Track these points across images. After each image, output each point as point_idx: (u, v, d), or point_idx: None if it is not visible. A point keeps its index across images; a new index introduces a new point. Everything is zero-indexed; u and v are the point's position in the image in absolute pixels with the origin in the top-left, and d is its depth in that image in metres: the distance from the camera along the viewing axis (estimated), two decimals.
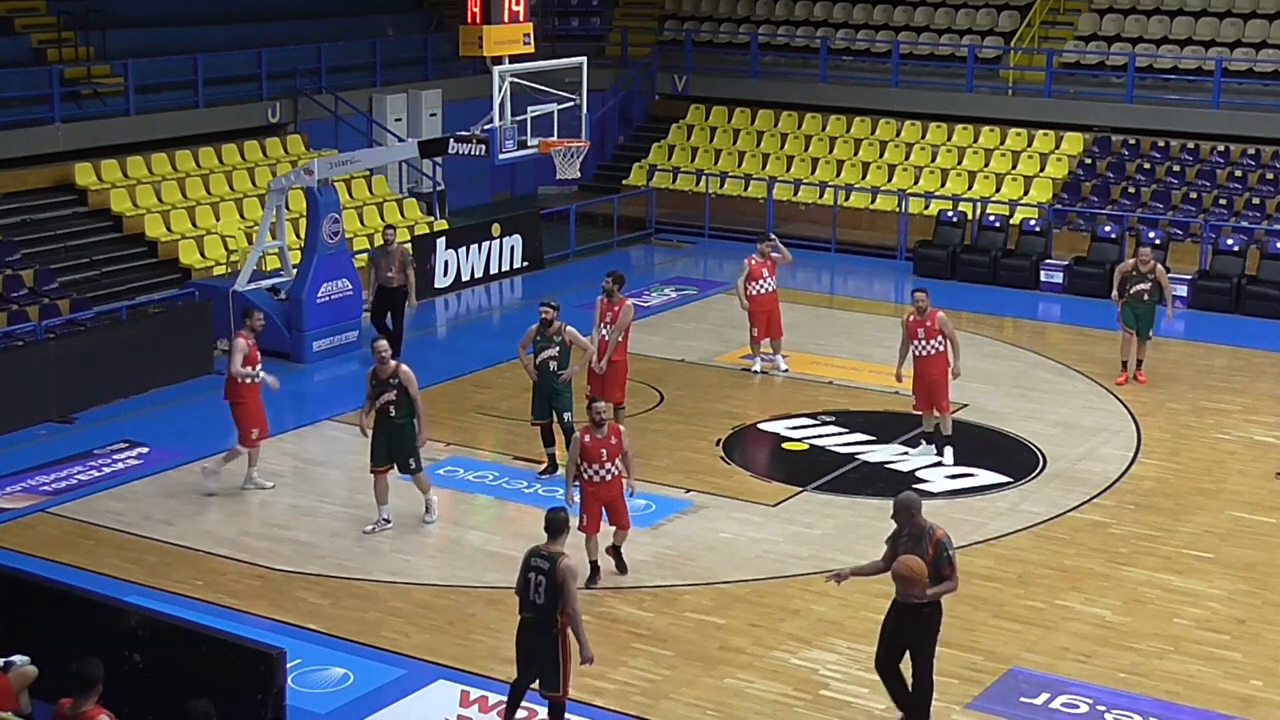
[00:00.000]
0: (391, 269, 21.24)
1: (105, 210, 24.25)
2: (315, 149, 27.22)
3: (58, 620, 11.78)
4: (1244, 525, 16.07)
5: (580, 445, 14.13)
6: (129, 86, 25.42)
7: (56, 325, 20.61)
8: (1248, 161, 28.15)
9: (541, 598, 11.07)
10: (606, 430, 14.12)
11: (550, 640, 11.13)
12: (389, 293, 21.35)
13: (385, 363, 15.40)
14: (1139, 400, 19.87)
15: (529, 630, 11.28)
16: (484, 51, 20.76)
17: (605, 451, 14.02)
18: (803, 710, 12.29)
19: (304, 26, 29.75)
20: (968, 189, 29.15)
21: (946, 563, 11.38)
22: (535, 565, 11.14)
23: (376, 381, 15.45)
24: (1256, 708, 12.42)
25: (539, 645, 11.21)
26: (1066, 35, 31.32)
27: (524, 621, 11.31)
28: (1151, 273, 20.29)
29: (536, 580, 11.08)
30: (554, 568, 11.04)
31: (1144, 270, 20.27)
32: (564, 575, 11.01)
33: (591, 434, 14.09)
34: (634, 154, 32.68)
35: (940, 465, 17.48)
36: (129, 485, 16.98)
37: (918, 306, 17.57)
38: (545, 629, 11.14)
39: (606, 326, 17.56)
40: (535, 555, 11.19)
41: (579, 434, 14.30)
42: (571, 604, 11.05)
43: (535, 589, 11.09)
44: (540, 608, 11.11)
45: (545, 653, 11.19)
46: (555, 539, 11.30)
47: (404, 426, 15.45)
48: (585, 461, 14.08)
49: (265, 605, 14.04)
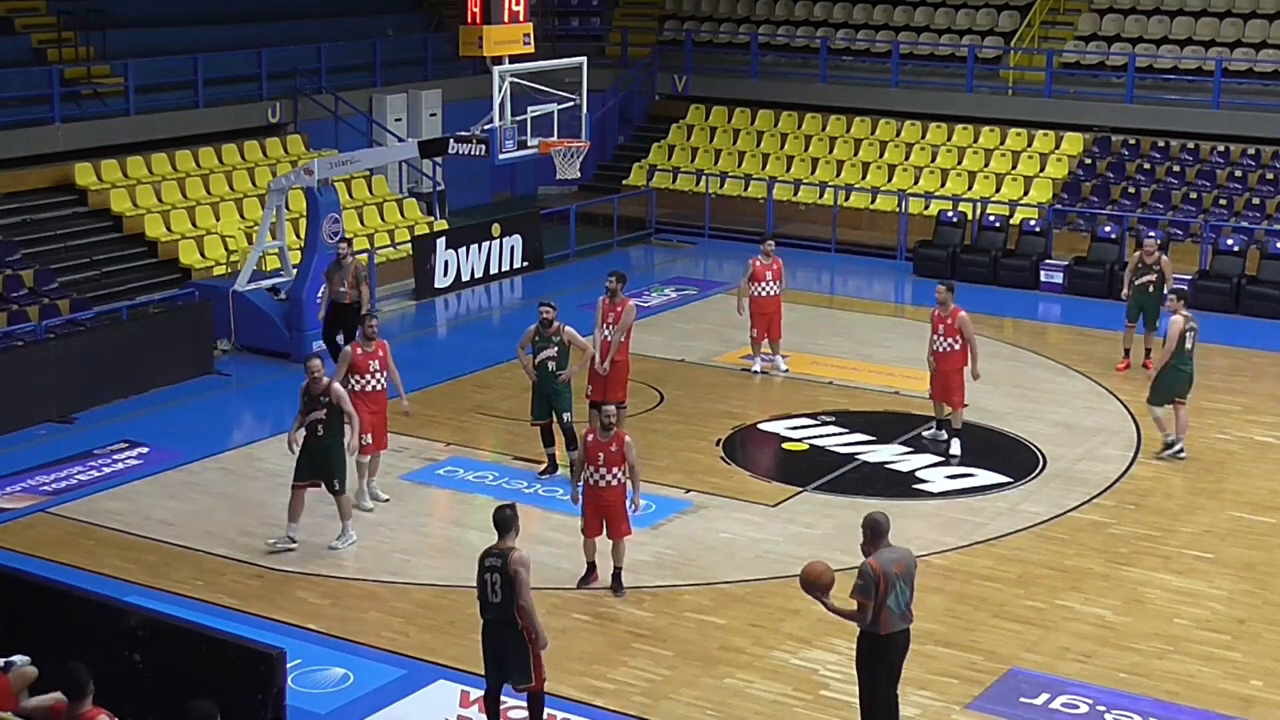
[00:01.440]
0: (345, 284, 20.22)
1: (105, 210, 24.25)
2: (315, 149, 27.22)
3: (58, 620, 11.76)
4: (1244, 525, 16.07)
5: (583, 444, 14.12)
6: (129, 86, 25.43)
7: (56, 325, 20.61)
8: (1248, 161, 28.15)
9: (498, 595, 11.10)
10: (612, 435, 14.00)
11: (515, 636, 11.16)
12: (342, 309, 20.31)
13: (318, 380, 14.98)
14: (1139, 400, 19.85)
15: (493, 630, 11.28)
16: (484, 51, 20.75)
17: (603, 455, 13.92)
18: (803, 710, 12.29)
19: (304, 26, 29.76)
20: (968, 189, 29.15)
21: (854, 589, 10.87)
22: (489, 565, 11.14)
23: (308, 398, 15.06)
24: (1256, 708, 12.42)
25: (504, 643, 11.24)
26: (1066, 35, 31.32)
27: (487, 623, 11.31)
28: (1156, 264, 20.94)
29: (492, 580, 11.11)
30: (505, 563, 11.06)
31: (1149, 262, 20.94)
32: (514, 567, 11.03)
33: (595, 435, 14.04)
34: (634, 154, 32.68)
35: (946, 463, 17.54)
36: (129, 485, 16.98)
37: (939, 299, 17.88)
38: (508, 626, 11.16)
39: (609, 327, 17.51)
40: (488, 555, 11.19)
41: (585, 433, 14.27)
42: (523, 596, 11.04)
43: (492, 588, 11.11)
44: (498, 606, 11.13)
45: (512, 649, 11.22)
46: (504, 536, 11.23)
47: (331, 448, 15.02)
48: (585, 462, 14.07)
49: (265, 605, 14.03)
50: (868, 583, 10.71)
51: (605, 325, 17.52)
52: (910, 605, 10.93)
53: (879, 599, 10.71)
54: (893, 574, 10.76)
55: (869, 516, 11.04)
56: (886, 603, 10.73)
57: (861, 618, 10.83)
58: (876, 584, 10.70)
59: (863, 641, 10.96)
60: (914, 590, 10.95)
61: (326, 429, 15.01)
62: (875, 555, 10.82)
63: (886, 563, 10.78)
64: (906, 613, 10.92)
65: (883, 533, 10.92)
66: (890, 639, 10.89)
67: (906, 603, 10.87)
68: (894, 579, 10.75)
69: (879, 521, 10.95)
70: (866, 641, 10.93)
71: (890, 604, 10.75)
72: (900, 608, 10.83)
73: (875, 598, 10.71)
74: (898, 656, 11.05)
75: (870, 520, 10.99)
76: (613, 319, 17.52)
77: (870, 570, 10.74)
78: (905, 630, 11.00)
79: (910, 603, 10.92)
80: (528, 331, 17.09)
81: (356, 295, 20.24)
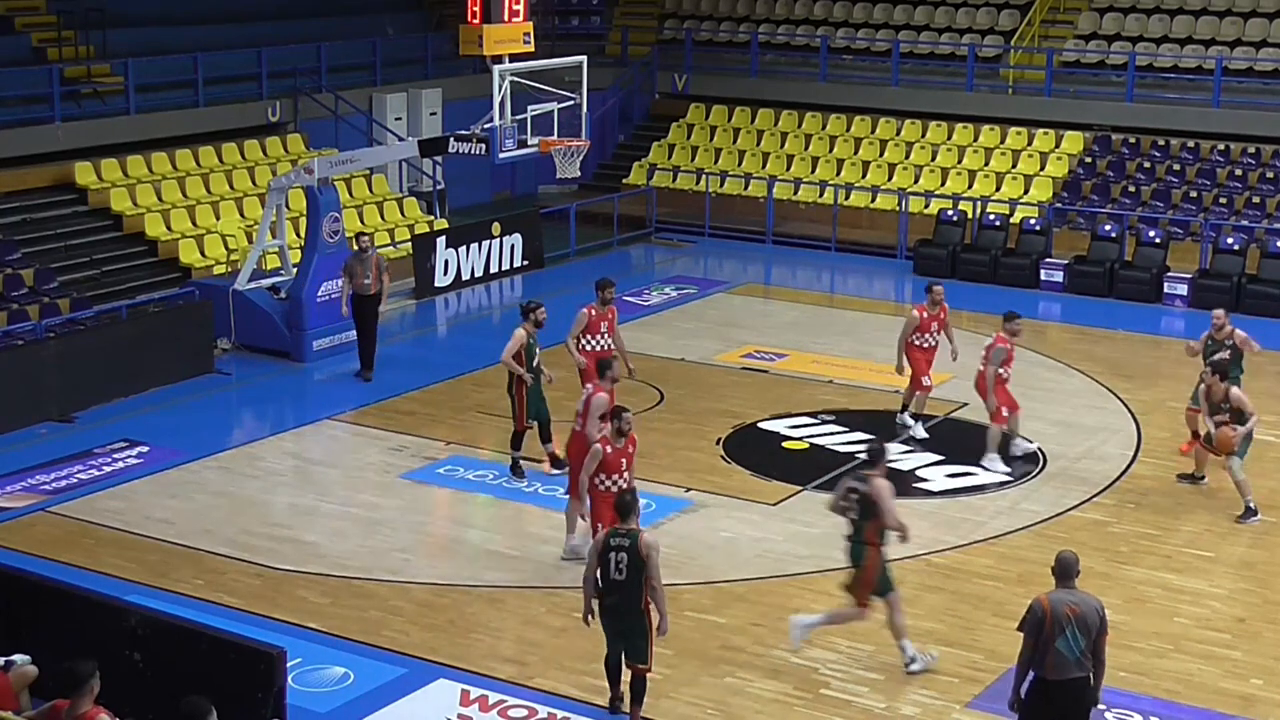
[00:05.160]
0: (368, 275, 20.38)
1: (105, 209, 24.25)
2: (315, 148, 27.22)
3: (58, 620, 11.77)
4: (1244, 525, 16.05)
5: (602, 457, 13.72)
6: (129, 85, 25.43)
7: (56, 324, 20.61)
8: (1248, 160, 28.15)
9: (624, 574, 11.48)
10: (625, 440, 13.86)
11: (637, 614, 11.58)
12: (365, 300, 20.48)
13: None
14: (1139, 400, 19.87)
15: (614, 611, 11.67)
16: (484, 50, 20.75)
17: (625, 461, 13.83)
18: (803, 709, 12.29)
19: (304, 26, 29.75)
20: (968, 188, 29.15)
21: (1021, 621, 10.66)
22: (615, 545, 11.54)
23: None
24: (1257, 706, 12.42)
25: (627, 621, 11.62)
26: (1066, 34, 31.32)
27: (606, 605, 11.67)
28: (1229, 339, 17.87)
29: (618, 558, 11.49)
30: (635, 543, 11.47)
31: (1219, 338, 17.88)
32: (647, 548, 11.48)
33: (612, 444, 13.79)
34: (634, 153, 32.69)
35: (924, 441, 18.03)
36: (129, 484, 16.97)
37: (937, 299, 18.29)
38: (631, 605, 11.55)
39: (605, 336, 17.44)
40: (613, 535, 11.62)
41: (598, 445, 13.82)
42: (655, 575, 11.50)
43: (617, 567, 11.50)
44: (623, 585, 11.50)
45: (635, 627, 11.63)
46: (628, 518, 11.70)
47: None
48: (604, 473, 13.77)
49: (265, 605, 14.03)
50: (1032, 619, 10.46)
51: (598, 334, 17.41)
52: (1087, 653, 10.47)
53: (1044, 638, 10.40)
54: (1063, 615, 10.40)
55: (1059, 555, 10.73)
56: (1055, 644, 10.39)
57: (1024, 654, 10.55)
58: (1042, 622, 10.41)
59: (1031, 684, 10.63)
60: (1092, 639, 10.49)
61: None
62: (1050, 593, 10.55)
63: (1059, 603, 10.46)
64: (1082, 660, 10.47)
65: (1068, 573, 10.63)
66: (1059, 685, 10.49)
67: (1082, 650, 10.44)
68: (1064, 621, 10.41)
69: (1067, 561, 10.67)
70: (1034, 684, 10.60)
71: (1060, 647, 10.40)
72: (1074, 654, 10.44)
73: (1039, 636, 10.43)
74: (1068, 706, 10.58)
75: (1059, 558, 10.70)
76: (606, 326, 17.50)
77: (1038, 606, 10.48)
78: (1078, 680, 10.51)
79: (1086, 650, 10.46)
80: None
81: (379, 286, 20.51)
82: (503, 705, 12.23)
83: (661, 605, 11.60)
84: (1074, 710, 10.65)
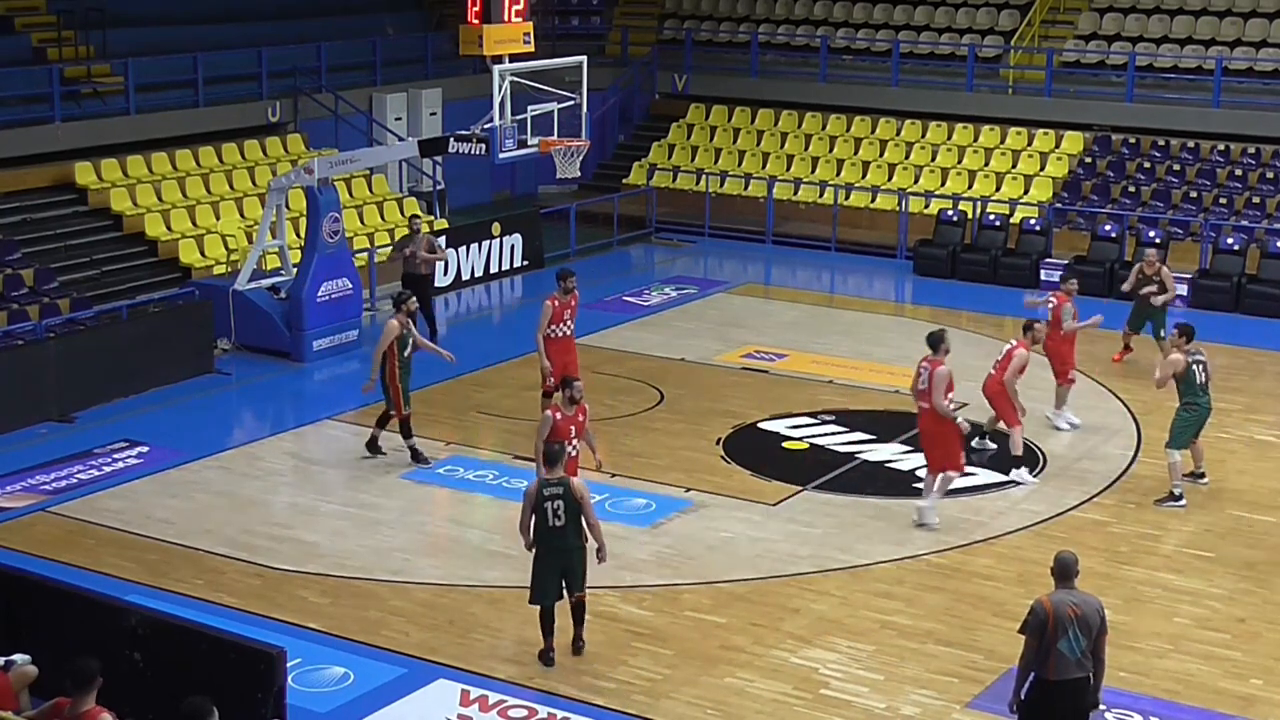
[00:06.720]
0: (418, 255, 21.60)
1: (105, 209, 24.23)
2: (315, 148, 27.21)
3: (58, 620, 11.78)
4: (1244, 525, 16.06)
5: (553, 424, 14.18)
6: (129, 85, 25.42)
7: (56, 324, 20.60)
8: (1248, 160, 28.14)
9: (563, 519, 12.42)
10: (575, 409, 14.45)
11: (579, 552, 12.60)
12: (418, 280, 21.51)
13: None
14: (1139, 399, 19.86)
15: (557, 552, 12.55)
16: (484, 50, 20.74)
17: (574, 429, 14.38)
18: (803, 709, 12.29)
19: (304, 26, 29.74)
20: (968, 188, 29.15)
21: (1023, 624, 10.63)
22: (549, 495, 12.40)
23: None
24: (1256, 706, 12.42)
25: (568, 561, 12.59)
26: (1066, 34, 31.32)
27: (545, 550, 12.56)
28: (1157, 275, 21.10)
29: (554, 506, 12.39)
30: (568, 489, 12.42)
31: (1149, 273, 21.17)
32: (580, 491, 12.52)
33: (562, 411, 14.33)
34: (634, 153, 32.68)
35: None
36: (129, 485, 16.97)
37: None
38: (572, 544, 12.55)
39: (565, 324, 17.87)
40: (545, 486, 12.47)
41: (549, 411, 14.47)
42: (591, 514, 12.58)
43: (555, 514, 12.40)
44: (563, 529, 12.45)
45: (575, 564, 12.64)
46: (555, 468, 12.58)
47: None
48: (554, 440, 13.82)
49: (265, 605, 14.03)
50: (1034, 620, 10.43)
51: (561, 322, 17.82)
52: (1088, 653, 10.47)
53: (1047, 640, 10.37)
54: (1066, 616, 10.39)
55: (1058, 555, 10.70)
56: (1057, 645, 10.35)
57: (1026, 656, 10.52)
58: (1045, 624, 10.37)
59: (1032, 685, 10.59)
60: (1093, 639, 10.44)
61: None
62: (1052, 594, 10.52)
63: (1061, 604, 10.44)
64: (1083, 660, 10.43)
65: (1068, 574, 10.60)
66: (1060, 686, 10.42)
67: (1083, 650, 10.39)
68: (1067, 622, 10.38)
69: (1066, 562, 10.64)
70: (1034, 685, 10.57)
71: (1062, 648, 10.36)
72: (1075, 655, 10.42)
73: (1042, 638, 10.39)
74: (1068, 707, 10.52)
75: (1057, 559, 10.68)
76: (569, 315, 17.92)
77: (1040, 608, 10.44)
78: (1079, 680, 10.47)
79: (1087, 650, 10.45)
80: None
81: (430, 267, 21.57)
82: (503, 705, 12.23)
83: (599, 538, 12.62)
84: (1074, 711, 10.64)
